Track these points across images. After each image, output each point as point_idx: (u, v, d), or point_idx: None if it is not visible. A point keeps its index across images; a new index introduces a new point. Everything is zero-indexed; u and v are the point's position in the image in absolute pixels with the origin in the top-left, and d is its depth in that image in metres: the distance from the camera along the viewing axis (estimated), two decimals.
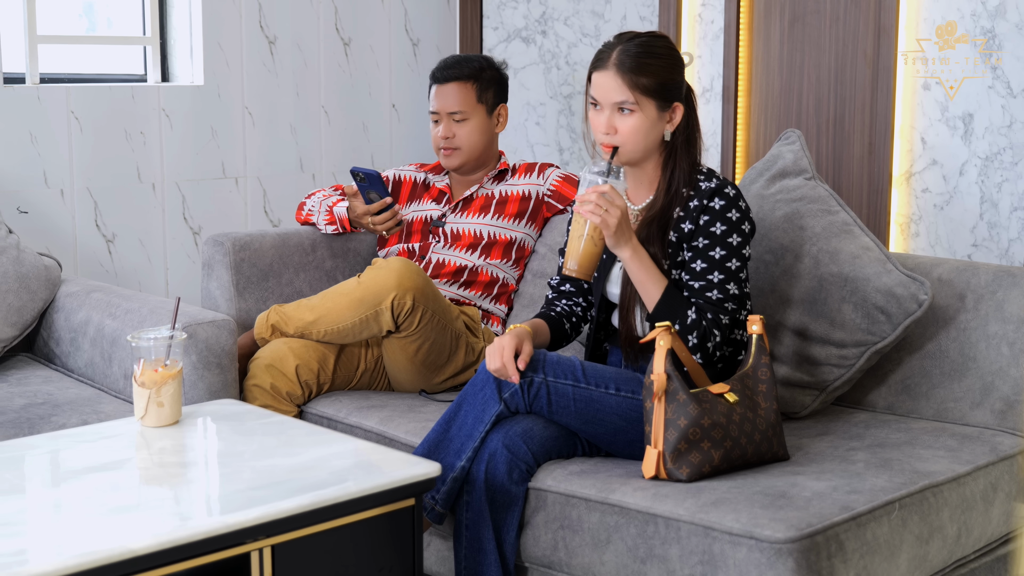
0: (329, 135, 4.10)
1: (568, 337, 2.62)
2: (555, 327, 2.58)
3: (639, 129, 2.41)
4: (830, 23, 3.51)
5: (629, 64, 2.40)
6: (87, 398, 2.75)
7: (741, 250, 2.41)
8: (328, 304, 2.89)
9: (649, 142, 2.44)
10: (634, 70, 2.39)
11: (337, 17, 4.09)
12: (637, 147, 2.43)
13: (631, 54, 2.41)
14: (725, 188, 2.42)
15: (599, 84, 2.43)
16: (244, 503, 1.87)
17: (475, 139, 3.23)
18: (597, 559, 2.24)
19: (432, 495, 2.34)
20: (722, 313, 2.37)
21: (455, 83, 3.22)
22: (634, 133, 2.41)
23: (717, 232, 2.40)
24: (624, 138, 2.42)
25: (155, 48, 3.81)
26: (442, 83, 3.23)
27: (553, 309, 2.62)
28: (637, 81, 2.39)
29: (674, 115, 2.45)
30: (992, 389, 2.58)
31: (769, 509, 2.08)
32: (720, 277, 2.39)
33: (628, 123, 2.41)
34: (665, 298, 2.37)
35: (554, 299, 2.65)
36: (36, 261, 3.05)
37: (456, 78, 3.22)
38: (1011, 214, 3.23)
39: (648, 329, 2.42)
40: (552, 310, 2.62)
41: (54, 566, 1.65)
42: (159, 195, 3.73)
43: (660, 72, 2.41)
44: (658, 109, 2.42)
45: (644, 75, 2.39)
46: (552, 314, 2.61)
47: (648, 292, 2.38)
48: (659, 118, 2.43)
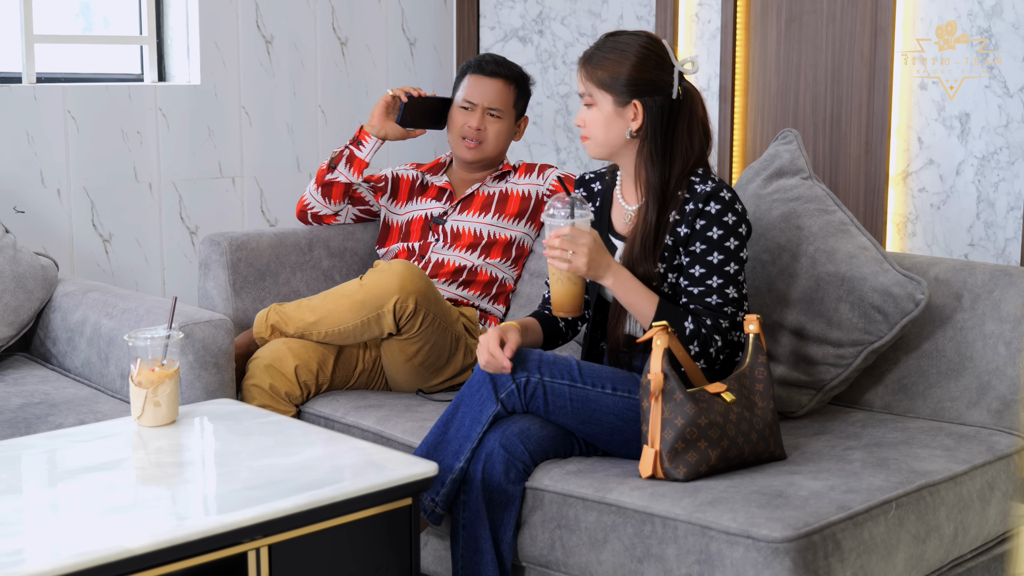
0: (326, 134, 4.10)
1: (564, 335, 2.62)
2: (548, 325, 2.58)
3: (596, 121, 2.46)
4: (827, 23, 3.51)
5: (588, 57, 2.47)
6: (84, 398, 2.74)
7: (739, 253, 2.41)
8: (329, 305, 2.89)
9: (611, 137, 2.46)
10: (590, 62, 2.46)
11: (334, 17, 4.09)
12: (599, 140, 2.47)
13: (597, 47, 2.47)
14: (720, 191, 2.41)
15: (578, 78, 2.50)
16: (241, 503, 1.87)
17: (501, 139, 3.26)
18: (594, 558, 2.24)
19: (432, 497, 2.34)
20: (722, 317, 2.38)
21: (501, 80, 3.25)
22: (594, 125, 2.47)
23: (714, 237, 2.39)
24: (588, 131, 2.48)
25: (151, 48, 3.81)
26: (488, 76, 3.24)
27: (548, 307, 2.62)
28: (592, 74, 2.45)
29: (636, 112, 2.43)
30: (989, 388, 2.58)
31: (766, 508, 2.08)
32: (719, 282, 2.39)
33: (589, 115, 2.47)
34: (659, 314, 2.37)
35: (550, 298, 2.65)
36: (33, 261, 3.05)
37: (503, 76, 3.25)
38: (1008, 213, 3.24)
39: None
40: (547, 308, 2.62)
41: (51, 566, 1.65)
42: (156, 195, 3.73)
43: (614, 67, 2.42)
44: (615, 104, 2.43)
45: (599, 68, 2.44)
46: (547, 312, 2.61)
47: (641, 311, 2.38)
48: (616, 113, 2.44)
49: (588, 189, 2.64)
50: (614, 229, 2.56)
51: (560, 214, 2.35)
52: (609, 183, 2.61)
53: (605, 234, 2.56)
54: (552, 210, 2.36)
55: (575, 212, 2.35)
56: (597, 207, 2.59)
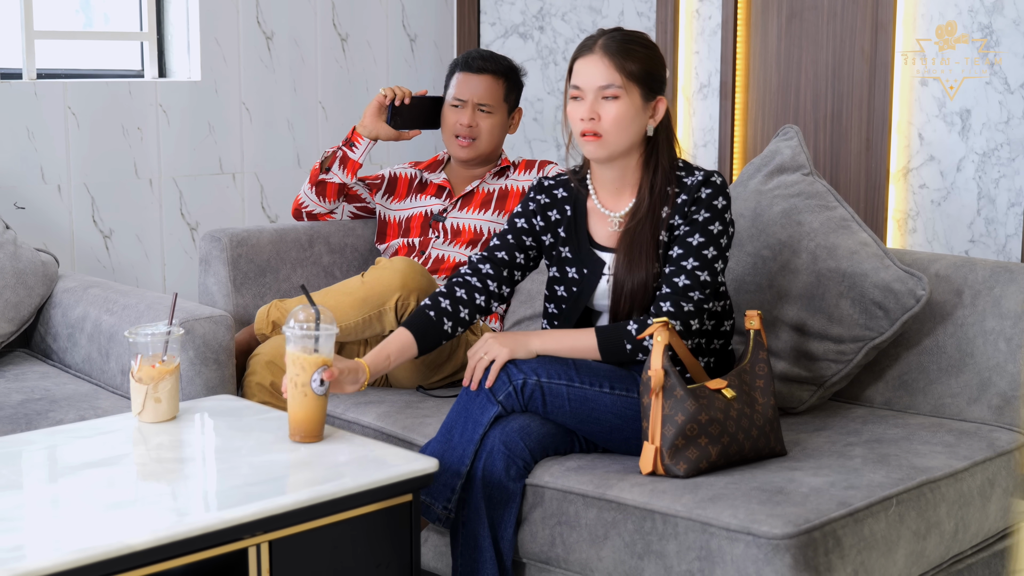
0: (326, 131, 4.10)
1: (448, 335, 2.49)
2: (426, 330, 2.46)
3: (623, 116, 2.37)
4: (827, 19, 3.51)
5: (616, 48, 2.38)
6: (84, 394, 2.74)
7: (719, 239, 2.38)
8: (331, 302, 2.88)
9: (631, 133, 2.40)
10: (621, 54, 2.37)
11: (334, 13, 4.09)
12: (619, 137, 2.39)
13: (617, 39, 2.40)
14: (712, 177, 2.40)
15: (582, 70, 2.40)
16: (241, 499, 1.87)
17: (495, 135, 3.25)
18: (594, 555, 2.24)
19: (444, 504, 2.33)
20: (683, 300, 2.34)
21: (490, 76, 3.24)
22: (617, 120, 2.37)
23: (699, 220, 2.38)
24: (607, 125, 2.38)
25: (152, 44, 3.81)
26: (476, 73, 3.23)
27: (453, 292, 2.50)
28: (624, 65, 2.37)
29: (657, 109, 2.42)
30: (989, 385, 2.58)
31: (766, 505, 2.08)
32: (694, 264, 2.36)
33: (612, 109, 2.37)
34: (601, 340, 2.36)
35: (466, 273, 2.54)
36: (33, 257, 3.05)
37: (491, 71, 3.24)
38: (1008, 210, 3.24)
39: None
40: (442, 299, 2.49)
41: (52, 562, 1.65)
42: (156, 191, 3.73)
43: (645, 60, 2.40)
44: (642, 98, 2.39)
45: (631, 60, 2.37)
46: (430, 313, 2.47)
47: (583, 349, 2.37)
48: (643, 108, 2.40)
49: (550, 196, 2.55)
50: (595, 241, 2.50)
51: (295, 333, 2.12)
52: (576, 192, 2.52)
53: (586, 247, 2.49)
54: (289, 329, 2.13)
55: (319, 330, 2.13)
56: (569, 217, 2.51)
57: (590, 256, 2.48)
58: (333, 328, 2.15)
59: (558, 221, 2.53)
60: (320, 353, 2.13)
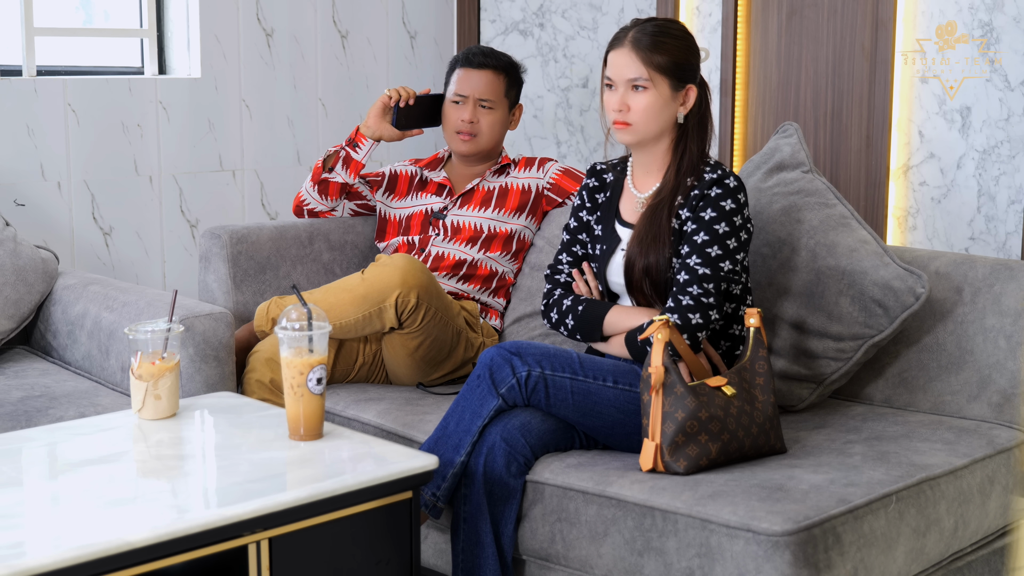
0: (326, 128, 4.10)
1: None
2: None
3: (652, 107, 2.45)
4: (828, 16, 3.51)
5: (645, 42, 2.45)
6: (84, 391, 2.75)
7: (726, 240, 2.41)
8: (331, 299, 2.88)
9: (661, 122, 2.48)
10: (649, 47, 2.45)
11: (334, 9, 4.09)
12: (649, 126, 2.47)
13: (647, 32, 2.46)
14: (726, 179, 2.43)
15: (614, 63, 2.49)
16: (241, 496, 1.87)
17: (496, 131, 3.25)
18: (594, 552, 2.24)
19: (432, 491, 2.35)
20: (682, 295, 2.39)
21: (490, 71, 3.24)
22: (646, 111, 2.46)
23: (705, 218, 2.41)
24: (636, 116, 2.46)
25: (152, 40, 3.80)
26: (476, 68, 3.24)
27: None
28: (651, 58, 2.44)
29: (687, 97, 2.49)
30: (989, 382, 2.58)
31: (766, 502, 2.08)
32: (696, 261, 2.40)
33: (641, 100, 2.46)
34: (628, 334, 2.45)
35: (562, 272, 2.68)
36: (33, 254, 3.05)
37: (492, 67, 3.25)
38: (1008, 207, 3.24)
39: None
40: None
41: (52, 558, 1.65)
42: (156, 188, 3.73)
43: (674, 51, 2.46)
44: (671, 88, 2.46)
45: (658, 53, 2.44)
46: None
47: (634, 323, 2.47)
48: (672, 98, 2.47)
49: (600, 180, 2.66)
50: (621, 217, 2.58)
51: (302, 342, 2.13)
52: (620, 173, 2.63)
53: (612, 223, 2.58)
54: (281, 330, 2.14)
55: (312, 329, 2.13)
56: (608, 197, 2.62)
57: (612, 232, 2.57)
58: (326, 326, 2.15)
59: (602, 202, 2.64)
60: (315, 353, 2.13)
